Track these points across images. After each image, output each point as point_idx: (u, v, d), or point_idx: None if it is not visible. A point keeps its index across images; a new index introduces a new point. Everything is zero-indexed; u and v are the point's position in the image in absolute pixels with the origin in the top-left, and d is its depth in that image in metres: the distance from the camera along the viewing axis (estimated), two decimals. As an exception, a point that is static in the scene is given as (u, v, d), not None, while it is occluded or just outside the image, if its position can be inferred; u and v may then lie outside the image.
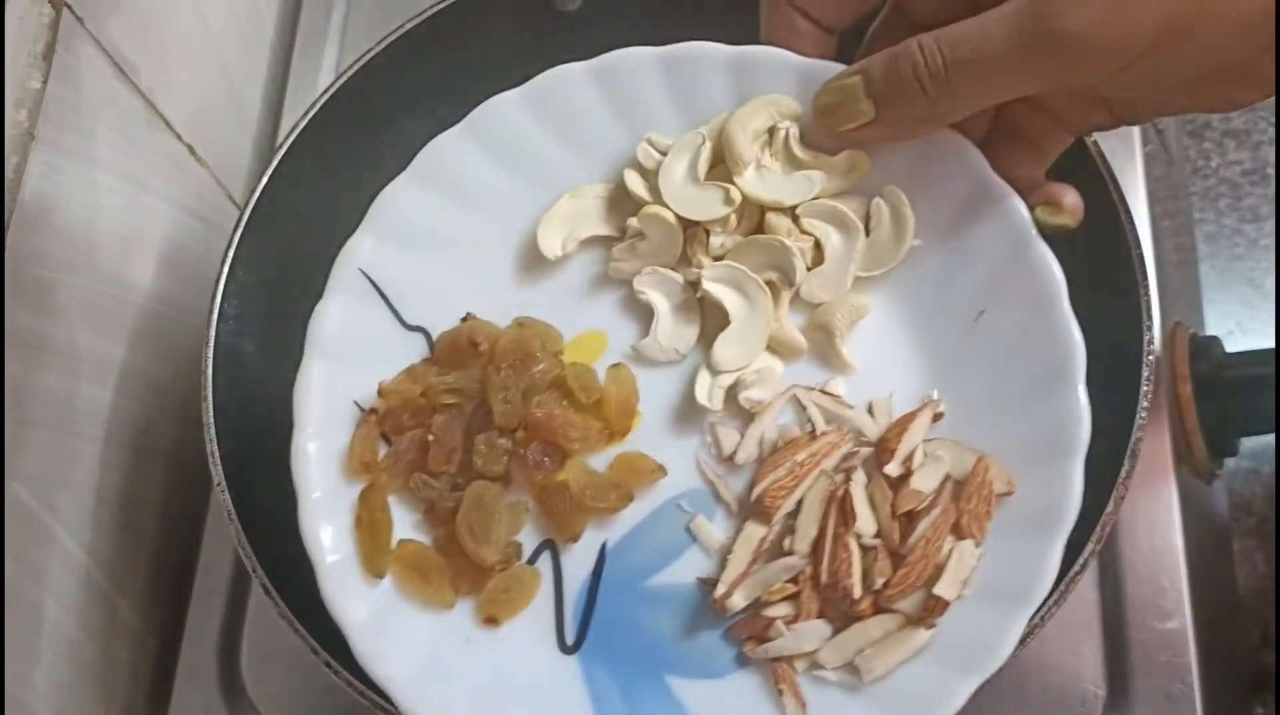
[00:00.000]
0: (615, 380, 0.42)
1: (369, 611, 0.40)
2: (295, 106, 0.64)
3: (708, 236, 0.42)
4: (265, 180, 0.47)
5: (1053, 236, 0.39)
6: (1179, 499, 0.49)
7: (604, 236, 0.44)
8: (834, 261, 0.41)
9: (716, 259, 0.42)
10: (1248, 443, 0.55)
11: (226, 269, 0.47)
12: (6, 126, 0.44)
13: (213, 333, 0.45)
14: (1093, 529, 0.39)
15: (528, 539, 0.42)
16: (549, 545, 0.42)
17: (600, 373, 0.42)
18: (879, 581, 0.38)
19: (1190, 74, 0.34)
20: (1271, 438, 0.65)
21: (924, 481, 0.38)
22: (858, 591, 0.37)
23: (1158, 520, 0.49)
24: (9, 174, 0.44)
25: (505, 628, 0.41)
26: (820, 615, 0.39)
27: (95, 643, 0.52)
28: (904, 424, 0.39)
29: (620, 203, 0.44)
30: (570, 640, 0.41)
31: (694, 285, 0.42)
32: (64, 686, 0.49)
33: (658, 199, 0.42)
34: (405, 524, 0.42)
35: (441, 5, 0.49)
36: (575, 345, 0.44)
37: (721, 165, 0.42)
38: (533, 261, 0.44)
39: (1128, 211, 0.42)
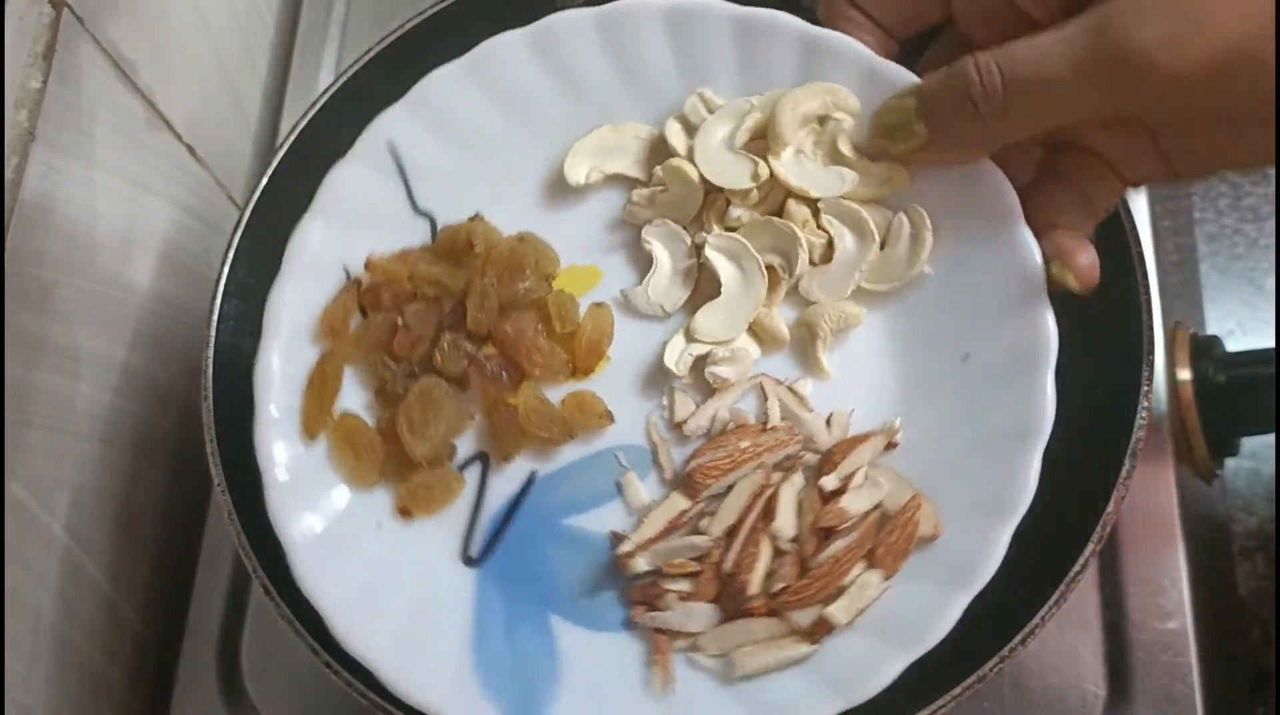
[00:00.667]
0: (593, 318, 0.42)
1: (294, 469, 0.40)
2: (295, 106, 0.64)
3: (727, 205, 0.42)
4: (265, 180, 0.47)
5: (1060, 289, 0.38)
6: (1179, 499, 0.49)
7: (631, 177, 0.44)
8: (841, 265, 0.41)
9: (728, 229, 0.42)
10: (1248, 443, 0.54)
11: (226, 269, 0.46)
12: (6, 126, 0.44)
13: (213, 333, 0.45)
14: (1093, 529, 0.39)
15: (464, 447, 0.42)
16: (482, 458, 0.42)
17: (584, 308, 0.42)
18: (779, 586, 0.38)
19: (1243, 106, 0.33)
20: (1271, 438, 0.64)
21: (855, 503, 0.38)
22: (753, 589, 0.38)
23: (1158, 520, 0.49)
24: (9, 174, 0.44)
25: (416, 524, 0.42)
26: (715, 600, 0.39)
27: (95, 643, 0.52)
28: (854, 443, 0.39)
29: (657, 149, 0.44)
30: (474, 554, 0.42)
31: (700, 249, 0.42)
32: (64, 687, 0.49)
33: (689, 155, 0.42)
34: (357, 401, 0.43)
35: (441, 5, 0.49)
36: (569, 274, 0.44)
37: (763, 139, 0.41)
38: (555, 182, 0.44)
39: (1128, 211, 0.42)
